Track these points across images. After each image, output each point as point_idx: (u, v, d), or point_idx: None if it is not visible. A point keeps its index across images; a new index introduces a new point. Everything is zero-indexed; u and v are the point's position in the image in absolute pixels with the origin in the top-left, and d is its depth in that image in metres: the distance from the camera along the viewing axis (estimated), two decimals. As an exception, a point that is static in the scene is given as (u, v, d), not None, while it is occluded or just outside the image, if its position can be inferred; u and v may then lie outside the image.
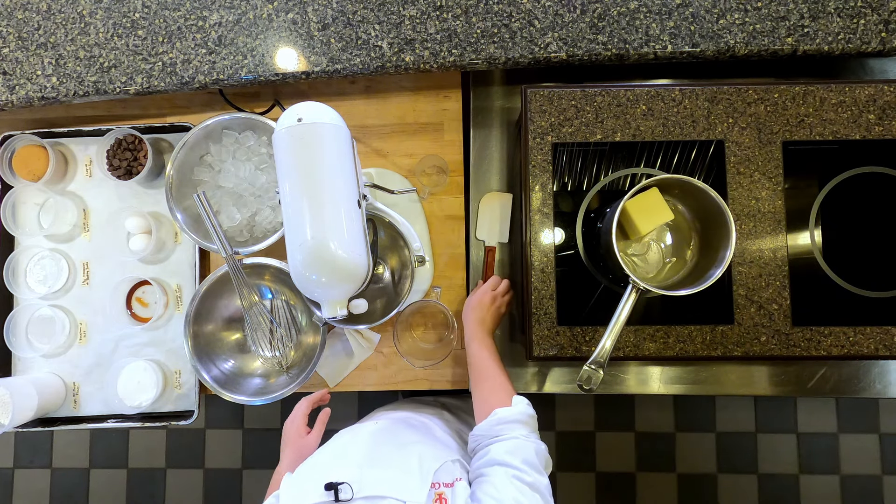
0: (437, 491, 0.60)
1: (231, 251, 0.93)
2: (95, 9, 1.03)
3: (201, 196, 0.89)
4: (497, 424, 0.73)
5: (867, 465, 1.89)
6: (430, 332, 1.06)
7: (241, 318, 1.02)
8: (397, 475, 0.62)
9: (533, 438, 0.72)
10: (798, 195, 0.93)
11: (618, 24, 0.96)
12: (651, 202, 0.86)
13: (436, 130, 1.09)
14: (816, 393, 1.00)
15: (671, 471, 1.90)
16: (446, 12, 0.98)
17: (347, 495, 0.58)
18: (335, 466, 0.64)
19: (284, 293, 1.03)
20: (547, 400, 1.92)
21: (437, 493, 0.59)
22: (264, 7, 1.01)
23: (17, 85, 1.04)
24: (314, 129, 0.76)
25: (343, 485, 0.58)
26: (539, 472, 0.67)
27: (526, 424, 0.74)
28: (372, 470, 0.63)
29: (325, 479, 0.60)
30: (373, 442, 0.70)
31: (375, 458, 0.66)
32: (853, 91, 0.92)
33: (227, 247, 0.92)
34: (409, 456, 0.66)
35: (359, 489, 0.59)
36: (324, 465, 0.67)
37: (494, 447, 0.69)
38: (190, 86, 1.02)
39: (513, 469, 0.65)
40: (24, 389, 1.00)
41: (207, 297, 0.99)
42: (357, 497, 0.58)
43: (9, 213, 1.09)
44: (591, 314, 0.93)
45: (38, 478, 2.03)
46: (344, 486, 0.58)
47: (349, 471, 0.62)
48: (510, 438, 0.70)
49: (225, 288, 1.01)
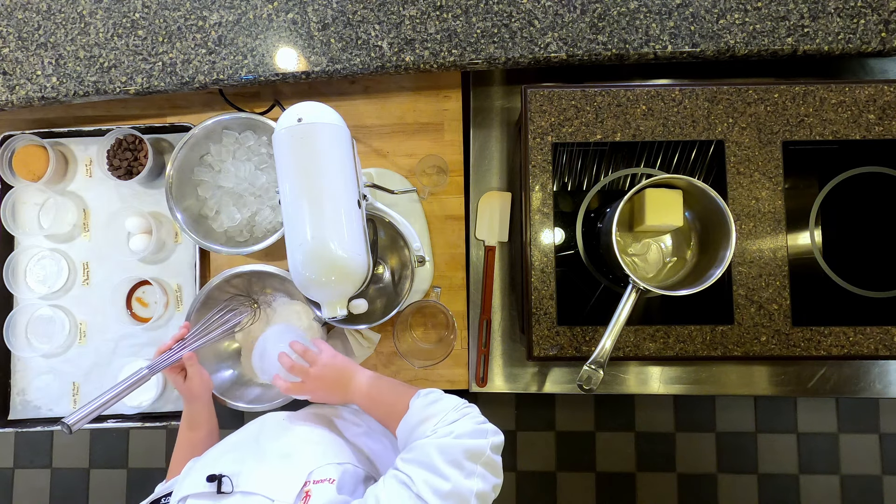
0: (306, 489, 0.57)
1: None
2: (95, 9, 1.03)
3: None
4: (424, 409, 0.64)
5: (867, 465, 1.89)
6: (430, 332, 1.06)
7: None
8: (273, 473, 0.61)
9: (464, 422, 0.61)
10: (798, 195, 0.93)
11: (618, 24, 0.96)
12: (670, 200, 0.86)
13: (436, 130, 1.09)
14: (816, 393, 1.00)
15: (671, 471, 1.90)
16: (446, 12, 0.98)
17: (228, 488, 0.58)
18: (225, 458, 0.65)
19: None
20: (547, 400, 1.92)
21: (306, 490, 0.57)
22: (264, 7, 1.01)
23: (17, 85, 1.04)
24: (314, 129, 0.76)
25: (224, 477, 0.58)
26: (467, 476, 0.56)
27: (448, 399, 0.65)
28: (255, 464, 0.62)
29: (212, 471, 0.60)
30: (267, 436, 0.70)
31: (261, 453, 0.65)
32: (853, 91, 0.92)
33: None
34: (294, 454, 0.64)
35: (237, 483, 0.59)
36: (218, 455, 0.66)
37: (423, 443, 0.59)
38: (190, 86, 1.02)
39: (428, 474, 0.55)
40: None
41: (207, 303, 0.99)
42: (236, 491, 0.58)
43: (9, 213, 1.09)
44: (591, 314, 0.93)
45: (38, 478, 2.03)
46: (225, 479, 0.58)
47: (234, 465, 0.62)
48: (440, 437, 0.59)
49: (224, 295, 1.01)
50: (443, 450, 0.57)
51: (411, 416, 0.64)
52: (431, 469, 0.55)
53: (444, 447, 0.57)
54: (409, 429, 0.64)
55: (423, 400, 0.66)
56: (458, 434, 0.58)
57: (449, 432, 0.59)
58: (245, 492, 0.58)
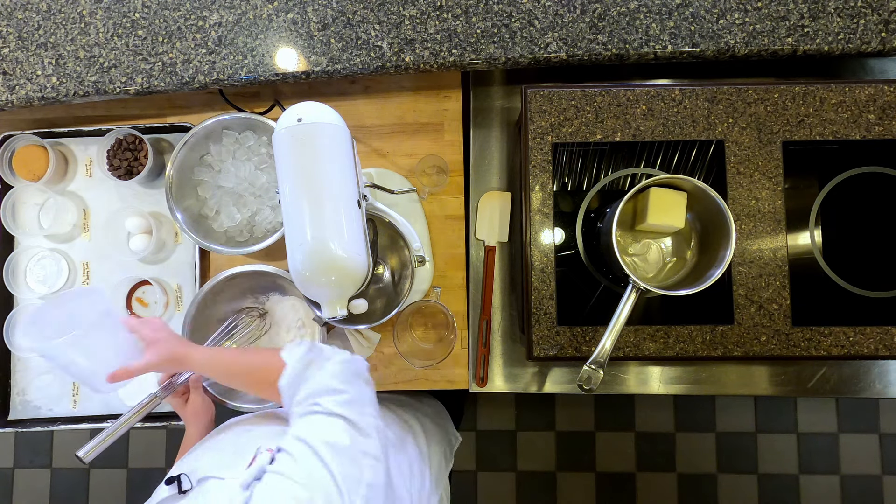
0: (253, 455, 0.59)
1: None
2: (95, 9, 1.03)
3: None
4: (304, 357, 0.70)
5: (867, 465, 1.89)
6: (430, 332, 1.06)
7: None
8: (224, 455, 0.63)
9: (340, 354, 0.70)
10: (798, 195, 0.93)
11: (618, 24, 0.96)
12: (673, 201, 0.86)
13: (436, 130, 1.09)
14: (816, 393, 1.00)
15: (671, 471, 1.90)
16: (446, 12, 0.98)
17: (187, 485, 0.59)
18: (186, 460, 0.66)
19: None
20: (547, 400, 1.92)
21: (252, 456, 0.59)
22: (264, 7, 1.01)
23: (17, 85, 1.04)
24: (314, 129, 0.76)
25: (182, 475, 0.59)
26: (359, 387, 0.66)
27: (313, 343, 0.72)
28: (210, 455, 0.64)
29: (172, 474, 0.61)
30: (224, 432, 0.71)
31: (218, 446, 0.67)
32: (853, 91, 0.92)
33: None
34: (241, 434, 0.67)
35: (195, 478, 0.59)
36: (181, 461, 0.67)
37: (318, 377, 0.67)
38: (190, 86, 1.02)
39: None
40: None
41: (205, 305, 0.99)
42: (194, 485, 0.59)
43: (9, 213, 1.09)
44: (591, 314, 0.93)
45: (38, 478, 2.03)
46: (183, 477, 0.59)
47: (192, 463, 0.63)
48: (332, 367, 0.67)
49: (223, 296, 1.01)
50: (335, 375, 0.67)
51: (295, 366, 0.69)
52: (333, 391, 0.64)
53: (335, 373, 0.67)
54: (295, 376, 0.68)
55: (297, 350, 0.71)
56: (342, 361, 0.69)
57: (334, 363, 0.69)
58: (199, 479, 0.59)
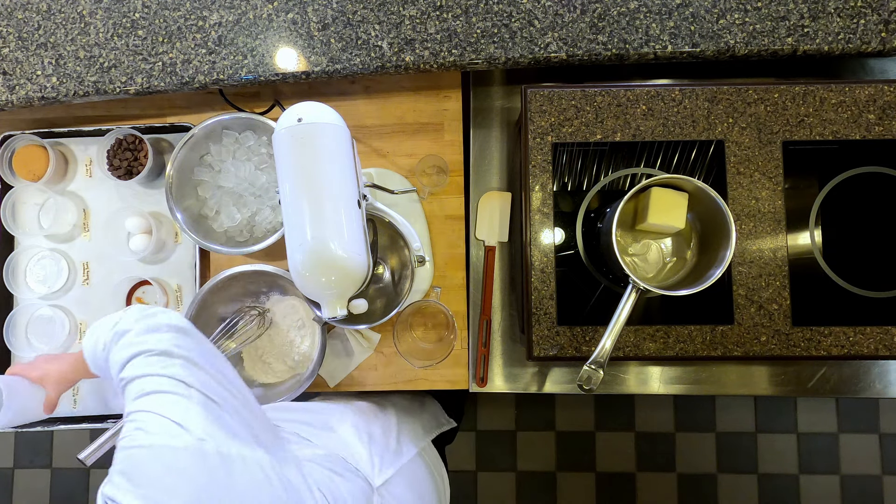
0: None
1: None
2: (95, 9, 1.03)
3: None
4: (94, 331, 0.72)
5: (867, 465, 1.89)
6: (430, 332, 1.06)
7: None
8: None
9: (130, 311, 0.70)
10: (798, 195, 0.93)
11: (618, 24, 0.96)
12: (675, 202, 0.86)
13: (436, 130, 1.09)
14: (816, 393, 1.00)
15: (671, 471, 1.90)
16: (446, 12, 0.98)
17: None
18: None
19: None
20: (547, 400, 1.92)
21: None
22: (264, 7, 1.01)
23: (17, 85, 1.04)
24: (314, 129, 0.76)
25: None
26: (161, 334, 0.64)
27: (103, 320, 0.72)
28: None
29: None
30: None
31: None
32: (853, 91, 0.92)
33: None
34: None
35: None
36: None
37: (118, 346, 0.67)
38: (190, 86, 1.02)
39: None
40: None
41: (205, 305, 0.99)
42: None
43: (9, 213, 1.09)
44: (591, 314, 0.93)
45: (38, 478, 2.03)
46: None
47: None
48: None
49: (223, 296, 1.01)
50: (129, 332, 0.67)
51: (86, 342, 0.72)
52: (144, 352, 0.62)
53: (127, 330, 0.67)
54: (91, 348, 0.71)
55: (92, 332, 0.73)
56: (136, 318, 0.69)
57: (124, 324, 0.69)
58: None
